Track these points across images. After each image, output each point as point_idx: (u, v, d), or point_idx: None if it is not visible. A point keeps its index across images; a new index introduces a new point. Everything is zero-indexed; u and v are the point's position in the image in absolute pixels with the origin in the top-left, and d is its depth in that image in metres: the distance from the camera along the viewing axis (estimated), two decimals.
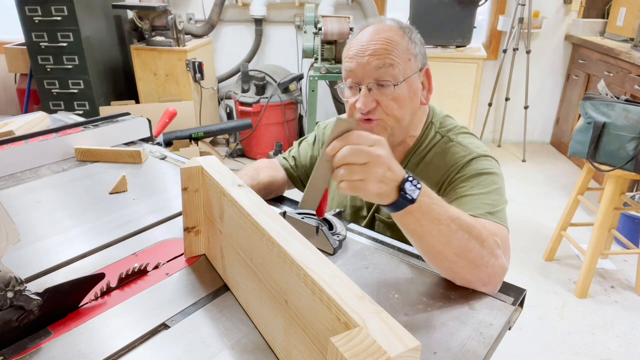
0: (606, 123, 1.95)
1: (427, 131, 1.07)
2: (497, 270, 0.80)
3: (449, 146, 1.04)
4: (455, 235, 0.76)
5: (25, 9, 3.21)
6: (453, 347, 0.69)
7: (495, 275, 0.80)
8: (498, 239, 0.82)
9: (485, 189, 0.94)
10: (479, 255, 0.78)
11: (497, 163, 1.02)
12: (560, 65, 3.89)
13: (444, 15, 3.24)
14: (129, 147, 1.46)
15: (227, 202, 0.74)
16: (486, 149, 1.03)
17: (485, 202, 0.92)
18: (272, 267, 0.63)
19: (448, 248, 0.76)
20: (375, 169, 0.69)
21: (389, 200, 0.72)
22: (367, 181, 0.69)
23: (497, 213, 0.90)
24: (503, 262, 0.82)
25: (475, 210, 0.90)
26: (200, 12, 3.96)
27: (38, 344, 0.69)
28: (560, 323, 2.06)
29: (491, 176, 0.97)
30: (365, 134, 0.70)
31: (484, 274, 0.79)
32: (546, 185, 3.39)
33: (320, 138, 1.28)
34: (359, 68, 0.97)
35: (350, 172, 0.69)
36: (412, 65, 0.99)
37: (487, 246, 0.79)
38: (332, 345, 0.45)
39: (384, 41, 0.96)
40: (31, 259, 0.90)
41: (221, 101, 4.16)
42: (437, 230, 0.75)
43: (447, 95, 3.29)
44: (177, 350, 0.68)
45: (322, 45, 3.11)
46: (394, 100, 0.97)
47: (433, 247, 0.77)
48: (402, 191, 0.72)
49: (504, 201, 0.95)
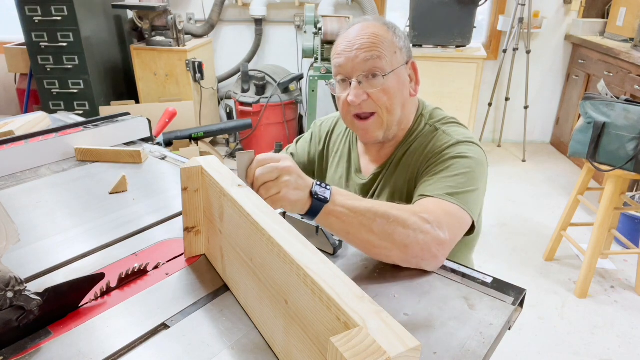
0: (606, 123, 1.95)
1: (417, 123, 1.11)
2: (428, 243, 0.83)
3: (434, 135, 1.07)
4: (374, 223, 0.81)
5: (25, 9, 3.21)
6: (453, 347, 0.69)
7: (428, 248, 0.83)
8: (427, 215, 0.85)
9: (453, 172, 0.97)
10: (404, 235, 0.82)
11: (478, 148, 1.03)
12: (560, 65, 3.89)
13: (444, 15, 3.24)
14: (129, 147, 1.46)
15: (227, 202, 0.74)
16: (470, 136, 1.05)
17: (448, 184, 0.95)
18: (272, 267, 0.63)
19: (372, 235, 0.81)
20: (287, 177, 0.76)
21: (306, 206, 0.78)
22: (283, 191, 0.76)
23: (457, 195, 0.93)
24: (436, 234, 0.84)
25: (434, 191, 0.94)
26: (200, 12, 3.96)
27: (38, 344, 0.69)
28: (560, 323, 2.06)
29: (464, 160, 0.99)
30: (269, 155, 0.79)
31: (416, 250, 0.83)
32: (546, 185, 3.39)
33: (316, 134, 1.31)
34: (348, 62, 1.01)
35: (267, 189, 0.76)
36: (399, 57, 1.03)
37: (411, 226, 0.82)
38: (332, 345, 0.45)
39: (370, 35, 1.01)
40: (31, 259, 0.90)
41: (221, 101, 4.16)
42: (358, 222, 0.80)
43: (447, 95, 3.29)
44: (177, 350, 0.68)
45: (322, 45, 3.11)
46: (384, 92, 1.01)
47: (360, 239, 0.82)
48: (315, 195, 0.78)
49: (471, 185, 0.96)
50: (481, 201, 1.02)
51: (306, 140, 1.32)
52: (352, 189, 1.18)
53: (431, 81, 3.25)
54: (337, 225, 0.81)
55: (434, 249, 0.84)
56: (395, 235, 0.81)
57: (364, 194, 1.15)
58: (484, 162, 1.02)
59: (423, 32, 3.34)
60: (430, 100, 1.18)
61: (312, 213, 0.79)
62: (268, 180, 0.76)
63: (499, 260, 2.52)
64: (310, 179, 0.80)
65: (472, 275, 0.85)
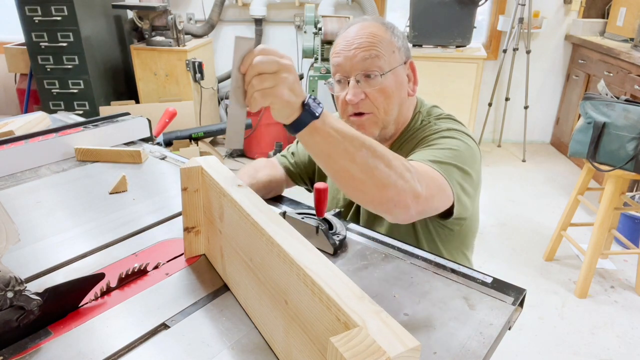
0: (606, 123, 1.95)
1: (414, 121, 1.12)
2: (406, 190, 0.80)
3: (427, 126, 1.08)
4: (358, 152, 0.76)
5: (25, 9, 3.21)
6: (453, 347, 0.69)
7: (405, 195, 0.80)
8: (411, 167, 0.82)
9: (439, 146, 0.97)
10: (385, 174, 0.78)
11: (470, 138, 1.03)
12: (560, 65, 3.89)
13: (444, 15, 3.24)
14: (129, 147, 1.46)
15: (227, 202, 0.74)
16: (463, 128, 1.05)
17: (433, 154, 0.95)
18: (272, 267, 0.63)
19: (353, 164, 0.76)
20: (285, 74, 0.71)
21: (295, 114, 0.73)
22: (277, 87, 0.70)
23: (440, 164, 0.92)
24: (414, 185, 0.81)
25: (418, 157, 0.93)
26: (200, 12, 3.96)
27: (38, 344, 0.69)
28: (560, 323, 2.06)
29: (452, 140, 0.99)
30: (272, 48, 0.72)
31: (392, 193, 0.79)
32: (546, 185, 3.39)
33: None
34: (346, 62, 1.02)
35: (262, 81, 0.70)
36: (397, 57, 1.04)
37: (394, 168, 0.79)
38: (332, 345, 0.45)
39: (368, 35, 1.01)
40: (31, 259, 0.90)
41: (221, 101, 4.16)
42: (342, 148, 0.76)
43: (447, 95, 3.29)
44: (177, 350, 0.68)
45: (322, 45, 3.11)
46: (381, 92, 1.02)
47: (340, 166, 0.77)
48: (307, 106, 0.73)
49: (456, 161, 0.95)
50: (472, 189, 1.00)
51: None
52: None
53: (431, 81, 3.25)
54: (320, 146, 0.77)
55: (409, 199, 0.81)
56: (376, 171, 0.77)
57: None
58: (474, 150, 1.01)
59: (423, 32, 3.34)
60: (430, 100, 1.18)
61: (298, 125, 0.74)
62: (265, 71, 0.70)
63: (499, 260, 2.52)
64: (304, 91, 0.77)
65: (472, 275, 0.85)
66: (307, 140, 0.77)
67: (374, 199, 0.81)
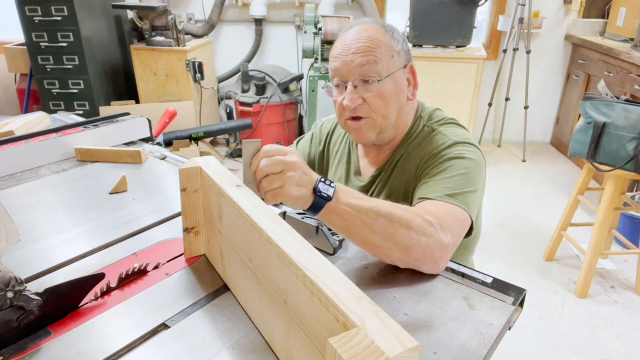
0: (606, 123, 1.95)
1: (415, 126, 1.10)
2: (431, 246, 0.82)
3: (431, 136, 1.06)
4: (376, 222, 0.80)
5: (25, 9, 3.21)
6: (453, 347, 0.69)
7: (431, 252, 0.82)
8: (431, 217, 0.84)
9: (451, 174, 0.97)
10: (407, 237, 0.81)
11: (476, 149, 1.02)
12: (560, 65, 3.89)
13: (444, 15, 3.24)
14: (129, 147, 1.46)
15: (226, 202, 0.74)
16: (468, 137, 1.04)
17: (447, 185, 0.94)
18: (271, 267, 0.63)
19: (374, 235, 0.81)
20: (291, 173, 0.75)
21: (308, 202, 0.78)
22: (286, 186, 0.75)
23: (456, 196, 0.92)
24: (439, 238, 0.83)
25: (433, 192, 0.93)
26: (200, 12, 3.96)
27: (38, 344, 0.69)
28: (560, 323, 2.06)
29: (462, 161, 0.98)
30: (276, 147, 0.78)
31: (418, 252, 0.82)
32: (546, 185, 3.39)
33: (317, 135, 1.30)
34: (344, 66, 1.00)
35: (270, 182, 0.75)
36: (396, 61, 1.02)
37: (415, 228, 0.81)
38: (330, 346, 0.45)
39: (367, 39, 0.99)
40: (31, 259, 0.90)
41: (221, 101, 4.16)
42: (360, 221, 0.80)
43: (447, 95, 3.29)
44: (177, 350, 0.68)
45: (322, 45, 3.12)
46: (379, 97, 1.00)
47: (362, 238, 0.82)
48: (318, 192, 0.78)
49: (470, 185, 0.95)
50: (480, 202, 1.02)
51: (306, 141, 1.32)
52: None
53: (431, 81, 3.25)
54: (339, 223, 0.81)
55: (436, 253, 0.83)
56: (397, 236, 0.80)
57: None
58: (482, 163, 1.02)
59: (423, 32, 3.34)
60: (430, 100, 1.17)
61: (314, 210, 0.79)
62: (272, 172, 0.75)
63: (499, 260, 2.52)
64: (315, 174, 0.80)
65: (472, 275, 0.85)
66: (326, 219, 0.82)
67: (401, 261, 0.84)
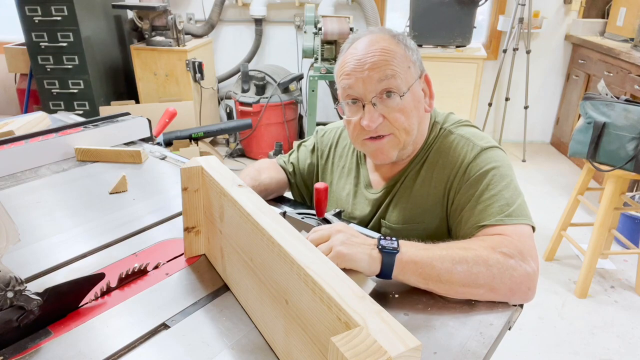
0: (606, 123, 1.95)
1: (432, 132, 1.04)
2: (517, 281, 0.78)
3: (450, 140, 1.00)
4: (454, 270, 0.77)
5: (25, 9, 3.21)
6: (453, 347, 0.69)
7: (518, 287, 0.79)
8: (506, 249, 0.80)
9: (496, 189, 0.91)
10: (489, 277, 0.77)
11: (501, 152, 0.98)
12: (560, 65, 3.89)
13: (444, 15, 3.24)
14: (129, 147, 1.46)
15: (227, 202, 0.74)
16: (489, 139, 0.99)
17: (499, 204, 0.89)
18: (273, 267, 0.63)
19: (454, 284, 0.77)
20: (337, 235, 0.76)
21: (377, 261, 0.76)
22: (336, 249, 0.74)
23: (514, 212, 0.88)
24: (524, 270, 0.79)
25: (490, 217, 0.88)
26: (200, 12, 3.95)
27: (38, 344, 0.69)
28: (560, 323, 2.06)
29: (498, 170, 0.93)
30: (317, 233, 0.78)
31: (504, 290, 0.78)
32: (546, 185, 3.39)
33: (319, 147, 1.23)
34: (359, 84, 0.92)
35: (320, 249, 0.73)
36: (412, 72, 0.95)
37: (494, 264, 0.78)
38: (333, 345, 0.45)
39: (381, 52, 0.91)
40: (31, 259, 0.90)
41: (221, 101, 4.16)
42: (435, 274, 0.77)
43: (447, 95, 3.29)
44: (177, 350, 0.68)
45: (322, 45, 3.11)
46: (401, 112, 0.93)
47: (443, 289, 0.78)
48: (380, 247, 0.77)
49: (518, 194, 0.91)
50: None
51: (308, 149, 1.25)
52: (361, 205, 1.11)
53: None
54: (415, 279, 0.78)
55: (524, 286, 0.79)
56: (480, 280, 0.77)
57: (375, 208, 1.08)
58: (510, 163, 0.97)
59: (423, 32, 3.34)
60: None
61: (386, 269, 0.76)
62: (319, 242, 0.76)
63: None
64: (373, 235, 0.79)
65: None
66: (402, 278, 0.78)
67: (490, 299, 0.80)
